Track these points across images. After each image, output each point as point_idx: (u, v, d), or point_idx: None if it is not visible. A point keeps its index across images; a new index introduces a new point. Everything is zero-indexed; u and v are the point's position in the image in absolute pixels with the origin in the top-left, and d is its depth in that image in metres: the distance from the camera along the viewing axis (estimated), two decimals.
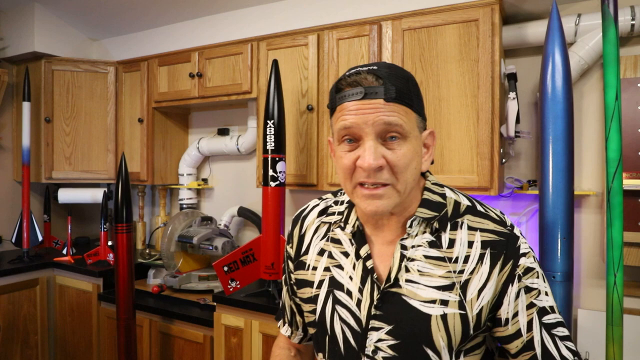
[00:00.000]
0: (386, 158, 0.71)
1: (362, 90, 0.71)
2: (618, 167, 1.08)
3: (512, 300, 0.76)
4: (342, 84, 0.74)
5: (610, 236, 1.09)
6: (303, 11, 2.15)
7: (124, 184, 1.95)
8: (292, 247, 0.94)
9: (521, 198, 1.99)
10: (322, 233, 0.90)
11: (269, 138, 1.90)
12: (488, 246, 0.77)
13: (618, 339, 1.08)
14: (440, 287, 0.76)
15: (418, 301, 0.76)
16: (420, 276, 0.77)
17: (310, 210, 0.95)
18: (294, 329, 1.00)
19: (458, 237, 0.78)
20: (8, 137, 2.83)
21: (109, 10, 2.56)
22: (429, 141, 0.80)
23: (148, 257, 2.57)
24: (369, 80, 0.72)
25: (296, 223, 0.95)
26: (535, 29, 1.83)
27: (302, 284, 0.89)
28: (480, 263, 0.76)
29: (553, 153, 1.43)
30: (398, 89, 0.72)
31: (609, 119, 1.08)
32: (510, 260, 0.77)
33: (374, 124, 0.71)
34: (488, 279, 0.76)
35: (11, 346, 2.44)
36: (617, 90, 1.08)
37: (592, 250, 1.84)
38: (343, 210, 0.88)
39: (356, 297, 0.80)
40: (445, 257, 0.77)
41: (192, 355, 2.06)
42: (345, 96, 0.73)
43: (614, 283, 1.08)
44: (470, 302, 0.76)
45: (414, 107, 0.74)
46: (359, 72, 0.73)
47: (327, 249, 0.87)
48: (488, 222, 0.79)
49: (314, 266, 0.88)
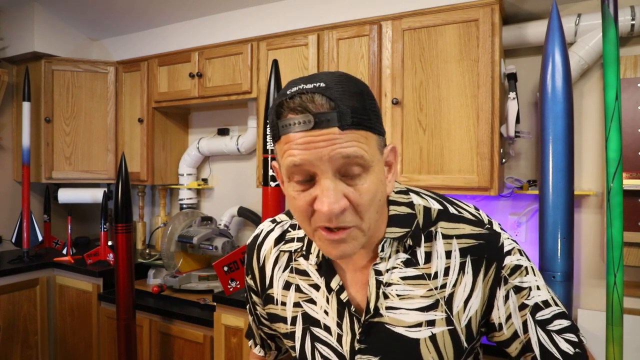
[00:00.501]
0: (348, 197, 0.61)
1: (311, 118, 0.58)
2: (618, 167, 1.08)
3: (501, 304, 0.71)
4: (285, 109, 0.60)
5: (610, 236, 1.09)
6: (303, 11, 2.15)
7: (124, 184, 1.95)
8: (254, 280, 0.85)
9: (521, 198, 1.99)
10: (284, 263, 0.81)
11: (269, 138, 1.90)
12: (468, 253, 0.71)
13: (618, 339, 1.08)
14: (423, 308, 0.70)
15: (403, 327, 0.71)
16: (400, 300, 0.71)
17: (264, 237, 0.85)
18: (266, 350, 0.96)
19: (434, 250, 0.71)
20: (8, 137, 2.83)
21: (109, 10, 2.56)
22: (391, 158, 0.69)
23: (148, 257, 2.57)
24: (318, 102, 0.58)
25: (252, 254, 0.85)
26: (535, 29, 1.83)
27: (275, 319, 0.82)
28: (462, 273, 0.71)
29: (553, 153, 1.43)
30: (353, 110, 0.59)
31: (609, 119, 1.08)
32: (493, 263, 0.71)
33: (330, 159, 0.58)
34: (473, 287, 0.71)
35: (11, 346, 2.44)
36: (617, 90, 1.08)
37: (592, 250, 1.84)
38: (303, 237, 0.79)
39: (336, 333, 0.74)
40: (424, 274, 0.71)
41: (192, 355, 2.06)
42: (289, 125, 0.59)
43: (614, 283, 1.08)
44: (457, 316, 0.71)
45: (373, 129, 0.62)
46: (303, 90, 0.59)
47: (292, 282, 0.79)
48: (463, 225, 0.73)
49: (282, 301, 0.80)
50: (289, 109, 0.60)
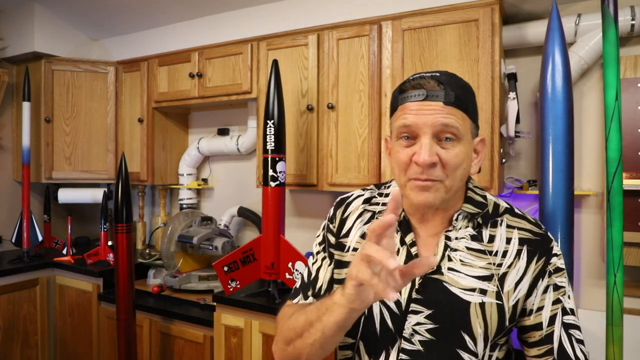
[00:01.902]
0: (440, 156, 0.77)
1: (424, 92, 0.77)
2: (618, 167, 1.08)
3: (539, 294, 0.82)
4: (406, 86, 0.80)
5: (610, 236, 1.09)
6: (303, 11, 2.15)
7: (124, 184, 1.95)
8: (335, 226, 0.96)
9: (521, 198, 1.99)
10: (366, 219, 0.92)
11: (269, 138, 1.90)
12: (525, 243, 0.84)
13: (618, 339, 1.08)
14: (480, 277, 0.81)
15: (458, 288, 0.80)
16: (462, 265, 0.82)
17: (354, 197, 0.98)
18: (317, 296, 0.94)
19: (498, 233, 0.85)
20: (8, 137, 2.83)
21: (109, 10, 2.56)
22: (480, 147, 0.86)
23: (148, 257, 2.57)
24: (431, 84, 0.78)
25: (339, 206, 0.98)
26: (535, 29, 1.83)
27: (341, 265, 0.91)
28: (517, 258, 0.83)
29: (553, 153, 1.43)
30: (457, 94, 0.78)
31: (609, 119, 1.08)
32: (543, 257, 0.83)
33: (432, 124, 0.76)
34: (525, 273, 0.82)
35: (11, 346, 2.44)
36: (617, 90, 1.08)
37: (592, 250, 1.84)
38: (388, 202, 0.88)
39: None
40: (485, 250, 0.83)
41: (192, 355, 2.06)
42: (408, 97, 0.79)
43: (614, 283, 1.08)
44: (507, 294, 0.81)
45: (469, 114, 0.80)
46: (422, 76, 0.80)
47: None
48: (525, 222, 0.87)
49: (354, 247, 0.90)
50: (410, 86, 0.80)
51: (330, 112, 2.03)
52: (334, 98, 2.02)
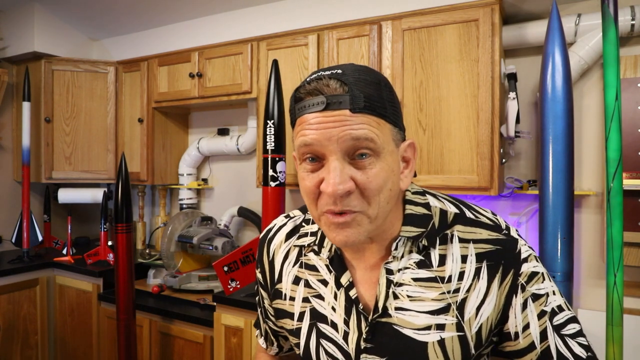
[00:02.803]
0: (355, 180, 0.61)
1: (324, 99, 0.60)
2: (618, 167, 1.08)
3: (519, 313, 0.69)
4: (302, 93, 0.64)
5: (610, 236, 1.09)
6: (303, 11, 2.15)
7: (124, 184, 1.95)
8: (264, 274, 0.85)
9: (521, 198, 1.99)
10: (294, 258, 0.80)
11: (269, 138, 1.90)
12: (484, 259, 0.69)
13: (618, 339, 1.08)
14: (434, 311, 0.69)
15: (411, 329, 0.69)
16: (410, 302, 0.69)
17: (276, 231, 0.85)
18: (268, 344, 0.96)
19: (449, 253, 0.70)
20: (8, 137, 2.83)
21: (109, 10, 2.56)
22: (409, 154, 0.69)
23: (148, 257, 2.57)
24: (332, 86, 0.61)
25: (262, 248, 0.86)
26: (535, 29, 1.83)
27: (282, 314, 0.81)
28: (477, 278, 0.69)
29: (553, 153, 1.43)
30: (367, 96, 0.61)
31: (609, 119, 1.08)
32: (511, 270, 0.69)
33: (339, 140, 0.60)
34: (487, 293, 0.69)
35: (11, 346, 2.44)
36: (617, 90, 1.08)
37: (592, 250, 1.84)
38: (316, 231, 0.78)
39: (342, 330, 0.73)
40: (437, 277, 0.69)
41: (192, 355, 2.06)
42: (305, 107, 0.62)
43: (614, 283, 1.08)
44: (468, 322, 0.69)
45: (387, 117, 0.63)
46: (320, 77, 0.62)
47: (302, 277, 0.78)
48: (481, 230, 0.71)
49: (290, 296, 0.79)
50: (306, 93, 0.63)
51: None
52: None
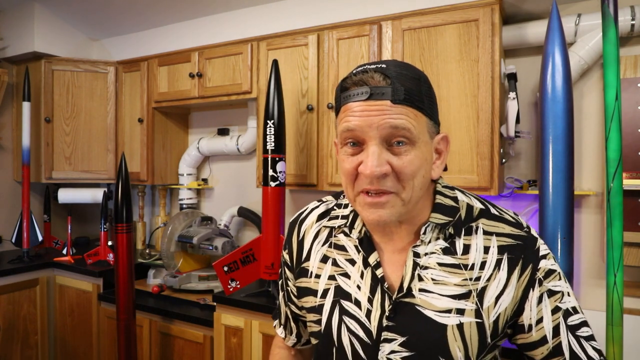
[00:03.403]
0: (391, 164, 0.66)
1: (368, 90, 0.66)
2: (618, 167, 1.08)
3: (534, 306, 0.73)
4: (348, 83, 0.70)
5: (610, 236, 1.09)
6: (303, 11, 2.15)
7: (124, 184, 1.95)
8: (291, 254, 0.89)
9: (521, 198, 1.99)
10: (324, 238, 0.84)
11: (269, 138, 1.90)
12: (505, 251, 0.74)
13: (618, 339, 1.08)
14: (455, 296, 0.72)
15: (433, 311, 0.72)
16: (434, 285, 0.73)
17: (308, 213, 0.89)
18: (287, 333, 0.98)
19: (473, 243, 0.75)
20: (8, 137, 2.83)
21: (109, 10, 2.56)
22: (442, 146, 0.75)
23: (148, 257, 2.57)
24: (376, 79, 0.67)
25: (293, 228, 0.90)
26: (535, 29, 1.83)
27: (305, 293, 0.85)
28: (497, 269, 0.73)
29: (553, 153, 1.43)
30: (407, 89, 0.66)
31: (609, 119, 1.08)
32: (529, 264, 0.73)
33: (379, 127, 0.65)
34: (506, 285, 0.73)
35: (11, 346, 2.44)
36: (617, 90, 1.08)
37: (592, 250, 1.84)
38: (347, 214, 0.83)
39: (365, 308, 0.76)
40: (460, 264, 0.74)
41: (192, 355, 2.06)
42: (350, 96, 0.68)
43: (614, 283, 1.08)
44: (487, 310, 0.72)
45: (424, 110, 0.69)
46: (366, 70, 0.68)
47: (330, 256, 0.82)
48: (504, 225, 0.76)
49: (316, 274, 0.83)
50: (352, 83, 0.69)
51: (331, 112, 2.03)
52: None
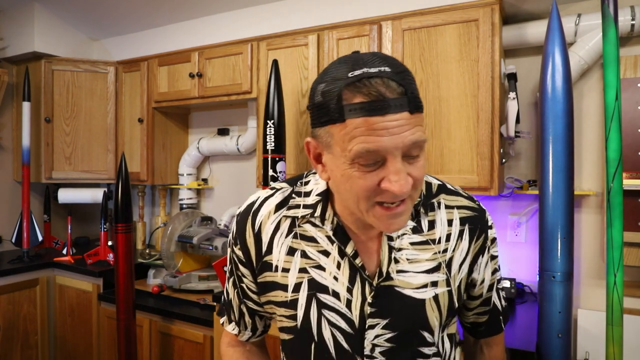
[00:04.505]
0: (411, 176, 0.64)
1: (387, 103, 0.59)
2: (618, 167, 1.08)
3: (482, 269, 0.84)
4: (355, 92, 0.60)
5: (610, 236, 1.09)
6: (303, 11, 2.15)
7: (124, 184, 1.95)
8: (245, 249, 0.82)
9: (521, 198, 1.99)
10: (286, 229, 0.79)
11: (269, 138, 1.90)
12: (467, 222, 0.81)
13: (618, 339, 1.08)
14: (428, 270, 0.77)
15: (411, 289, 0.76)
16: (409, 264, 0.77)
17: (261, 203, 0.82)
18: (241, 329, 0.92)
19: (438, 218, 0.80)
20: (8, 137, 2.83)
21: (109, 10, 2.56)
22: None
23: (148, 257, 2.57)
24: (392, 87, 0.59)
25: (245, 220, 0.82)
26: (535, 29, 1.83)
27: (272, 287, 0.80)
28: (460, 239, 0.80)
29: (553, 153, 1.43)
30: (416, 94, 0.62)
31: (609, 119, 1.08)
32: (483, 234, 0.82)
33: (403, 145, 0.61)
34: (467, 252, 0.81)
35: (11, 346, 2.44)
36: (617, 90, 1.08)
37: (592, 250, 1.84)
38: (313, 204, 0.78)
39: (345, 298, 0.75)
40: (428, 240, 0.78)
41: (192, 355, 2.06)
42: (363, 109, 0.59)
43: (614, 283, 1.08)
44: (453, 278, 0.79)
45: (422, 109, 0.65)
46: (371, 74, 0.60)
47: (297, 247, 0.78)
48: (461, 199, 0.83)
49: (284, 267, 0.79)
50: (360, 93, 0.60)
51: None
52: None
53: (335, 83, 0.62)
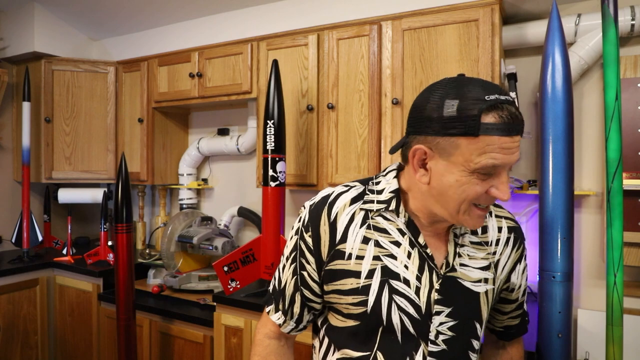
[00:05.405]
0: None
1: (514, 127, 0.72)
2: (618, 167, 1.08)
3: (520, 275, 0.96)
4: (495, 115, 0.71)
5: (610, 236, 1.09)
6: (303, 11, 2.15)
7: (124, 184, 1.95)
8: (317, 237, 0.86)
9: (521, 198, 1.99)
10: (360, 220, 0.86)
11: (269, 138, 1.90)
12: (512, 231, 0.94)
13: (618, 339, 1.08)
14: (482, 268, 0.88)
15: (469, 282, 0.85)
16: (469, 259, 0.87)
17: (336, 196, 0.89)
18: (287, 318, 0.94)
19: (490, 224, 0.92)
20: (8, 137, 2.83)
21: (109, 10, 2.56)
22: None
23: (148, 257, 2.57)
24: (516, 114, 0.73)
25: (321, 210, 0.87)
26: (535, 29, 1.83)
27: (343, 275, 0.84)
28: (506, 245, 0.92)
29: (553, 153, 1.43)
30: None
31: (609, 119, 1.08)
32: (522, 244, 0.96)
33: (512, 163, 0.74)
34: (509, 258, 0.92)
35: (11, 346, 2.44)
36: (617, 90, 1.08)
37: (592, 250, 1.84)
38: (387, 200, 0.86)
39: (414, 285, 0.83)
40: (482, 242, 0.90)
41: (192, 355, 2.06)
42: (498, 129, 0.71)
43: (614, 283, 1.08)
44: (497, 278, 0.90)
45: None
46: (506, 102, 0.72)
47: (371, 237, 0.85)
48: (505, 211, 0.96)
49: (358, 255, 0.84)
50: (503, 117, 0.71)
51: (330, 112, 2.03)
52: (334, 98, 2.03)
53: (474, 103, 0.71)
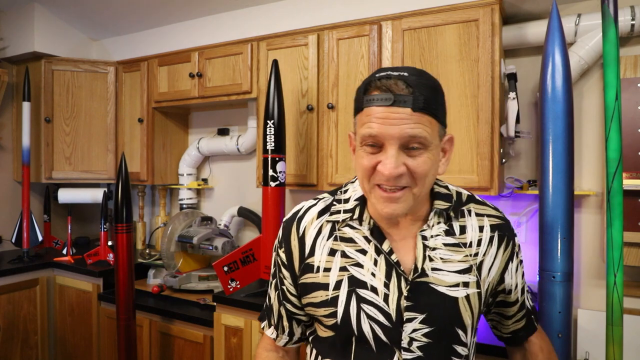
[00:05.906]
0: (407, 165, 0.74)
1: (392, 97, 0.71)
2: (618, 167, 1.08)
3: (513, 274, 0.91)
4: (371, 86, 0.74)
5: (610, 236, 1.09)
6: (303, 11, 2.15)
7: (124, 184, 1.95)
8: (289, 252, 0.90)
9: (521, 198, 1.99)
10: (327, 233, 0.87)
11: (269, 138, 1.91)
12: (496, 229, 0.88)
13: (618, 339, 1.08)
14: (460, 271, 0.83)
15: (444, 287, 0.81)
16: (443, 263, 0.83)
17: (305, 211, 0.92)
18: (279, 332, 0.97)
19: (468, 224, 0.87)
20: (8, 137, 2.83)
21: (109, 10, 2.56)
22: (447, 146, 0.83)
23: (148, 257, 2.57)
24: (399, 86, 0.72)
25: (290, 226, 0.91)
26: (535, 29, 1.83)
27: (313, 288, 0.86)
28: (490, 245, 0.87)
29: (553, 153, 1.43)
30: (426, 98, 0.72)
31: (609, 119, 1.08)
32: (511, 241, 0.89)
33: (399, 136, 0.72)
34: (495, 258, 0.87)
35: (11, 346, 2.44)
36: (617, 90, 1.08)
37: (592, 250, 1.84)
38: (352, 208, 0.87)
39: (382, 292, 0.81)
40: (460, 243, 0.85)
41: (192, 355, 2.06)
42: (374, 100, 0.73)
43: (614, 283, 1.08)
44: (483, 281, 0.85)
45: (439, 118, 0.76)
46: (389, 76, 0.73)
47: (338, 249, 0.86)
48: (489, 208, 0.90)
49: (325, 267, 0.85)
50: (375, 87, 0.74)
51: (330, 112, 2.03)
52: (334, 98, 2.03)
53: (366, 80, 0.77)
